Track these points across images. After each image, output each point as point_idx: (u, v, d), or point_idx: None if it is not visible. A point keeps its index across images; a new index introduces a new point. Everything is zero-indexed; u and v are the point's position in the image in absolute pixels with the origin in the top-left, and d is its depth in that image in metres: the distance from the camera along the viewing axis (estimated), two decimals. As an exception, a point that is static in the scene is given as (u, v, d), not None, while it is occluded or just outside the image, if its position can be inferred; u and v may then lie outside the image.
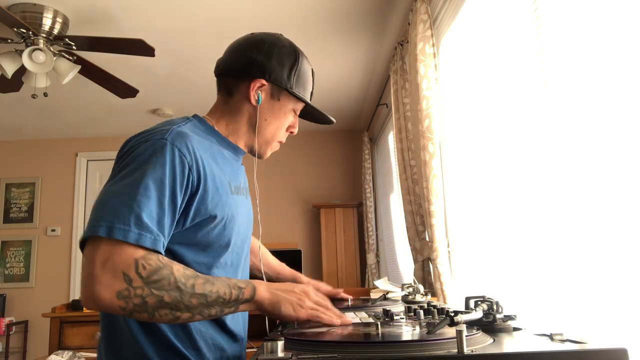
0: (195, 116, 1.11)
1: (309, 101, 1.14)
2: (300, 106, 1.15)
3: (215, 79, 1.19)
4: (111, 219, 0.81)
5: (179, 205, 0.90)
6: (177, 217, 0.91)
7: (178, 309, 0.83)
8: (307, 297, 0.97)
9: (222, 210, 0.99)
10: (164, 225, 0.87)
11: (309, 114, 1.21)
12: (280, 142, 1.18)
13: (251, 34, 1.16)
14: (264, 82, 1.08)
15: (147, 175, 0.86)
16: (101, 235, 0.80)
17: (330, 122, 1.22)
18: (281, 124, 1.13)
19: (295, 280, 1.35)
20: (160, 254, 0.86)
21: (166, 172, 0.88)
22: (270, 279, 1.36)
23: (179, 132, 0.95)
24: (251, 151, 1.16)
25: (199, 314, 0.85)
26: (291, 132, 1.18)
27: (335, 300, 1.35)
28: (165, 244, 0.89)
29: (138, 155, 0.90)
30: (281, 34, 1.16)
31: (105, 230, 0.80)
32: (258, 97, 1.08)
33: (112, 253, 0.80)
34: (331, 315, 0.98)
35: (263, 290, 0.92)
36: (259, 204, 1.30)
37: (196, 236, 0.96)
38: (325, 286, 1.31)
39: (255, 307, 0.92)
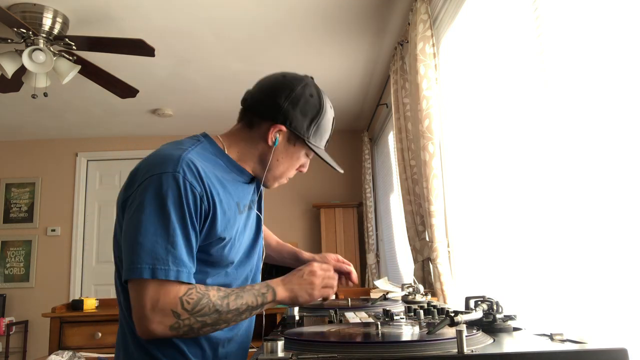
0: (205, 136, 1.14)
1: (321, 155, 1.19)
2: (312, 152, 1.21)
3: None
4: (152, 262, 0.92)
5: (198, 234, 1.00)
6: (198, 243, 1.01)
7: (218, 324, 0.98)
8: (315, 277, 1.09)
9: (230, 232, 1.06)
10: (193, 257, 0.99)
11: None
12: (289, 178, 1.25)
13: (283, 75, 1.17)
14: (284, 128, 1.13)
15: (171, 215, 0.95)
16: (145, 278, 0.92)
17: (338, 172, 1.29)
18: (292, 166, 1.20)
19: (297, 259, 1.40)
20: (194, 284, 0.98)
21: (184, 208, 0.97)
22: (272, 260, 1.45)
23: (188, 163, 1.00)
24: (256, 177, 1.21)
25: (233, 322, 1.00)
26: (300, 170, 1.24)
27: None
28: (194, 271, 1.00)
29: (155, 191, 0.96)
30: (312, 78, 1.20)
31: (149, 272, 0.92)
32: (275, 140, 1.14)
33: (159, 294, 0.92)
34: (335, 287, 1.13)
35: (281, 290, 1.05)
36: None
37: (204, 255, 1.03)
38: (329, 256, 1.34)
39: (278, 303, 1.06)
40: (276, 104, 1.12)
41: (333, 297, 1.12)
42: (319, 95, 1.17)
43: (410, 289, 1.46)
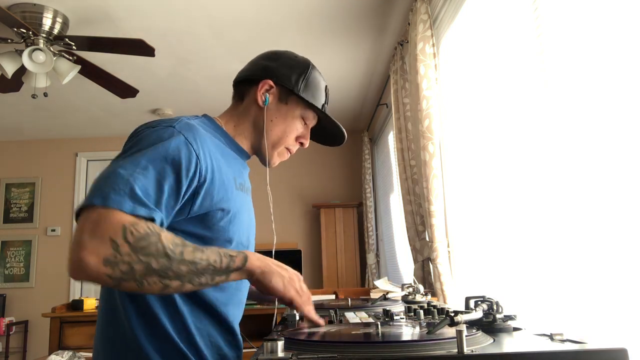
0: (204, 115, 1.13)
1: (317, 106, 1.14)
2: (309, 114, 1.16)
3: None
4: (107, 190, 0.81)
5: (182, 191, 0.90)
6: (179, 202, 0.91)
7: (167, 276, 0.80)
8: (297, 279, 0.97)
9: (228, 203, 0.99)
10: (161, 205, 0.86)
11: (320, 131, 1.22)
12: (289, 151, 1.18)
13: (269, 50, 1.20)
14: (271, 83, 1.11)
15: (148, 155, 0.87)
16: (96, 204, 0.79)
17: (342, 135, 1.22)
18: (288, 128, 1.14)
19: None
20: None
21: (170, 155, 0.88)
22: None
23: (187, 123, 0.97)
24: (257, 154, 1.18)
25: (188, 282, 0.83)
26: (301, 144, 1.18)
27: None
28: (166, 222, 0.89)
29: (143, 139, 0.92)
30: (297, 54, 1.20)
31: (100, 199, 0.80)
32: (265, 99, 1.11)
33: (101, 219, 0.78)
34: (310, 310, 0.98)
35: (255, 259, 0.91)
36: (258, 204, 1.29)
37: (200, 228, 0.96)
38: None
39: (246, 275, 0.90)
40: (262, 65, 1.13)
41: (300, 311, 0.97)
42: (304, 58, 1.17)
43: (410, 289, 1.46)
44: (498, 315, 0.88)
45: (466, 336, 0.68)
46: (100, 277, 0.77)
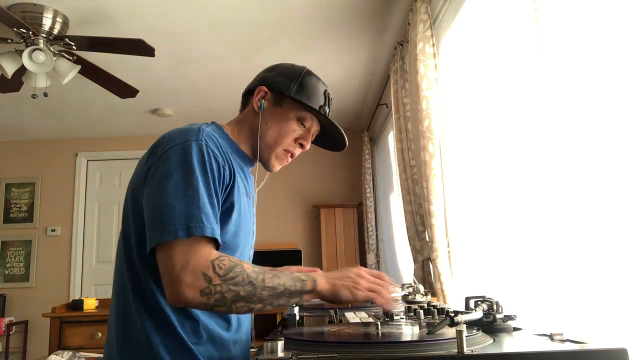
0: (213, 123, 1.17)
1: (314, 107, 1.15)
2: (305, 115, 1.17)
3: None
4: (185, 221, 0.90)
5: (220, 203, 1.00)
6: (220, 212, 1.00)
7: (252, 301, 0.92)
8: (361, 278, 1.02)
9: (239, 211, 1.06)
10: (219, 223, 0.97)
11: (323, 136, 1.24)
12: (290, 154, 1.19)
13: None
14: (265, 89, 1.17)
15: (198, 179, 0.95)
16: (180, 237, 0.89)
17: (343, 141, 1.24)
18: (283, 130, 1.16)
19: None
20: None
21: (209, 174, 0.97)
22: None
23: (208, 134, 1.03)
24: (257, 158, 1.20)
25: (269, 304, 0.94)
26: (301, 145, 1.19)
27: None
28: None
29: (179, 159, 0.97)
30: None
31: (184, 231, 0.90)
32: (261, 104, 1.16)
33: (189, 255, 0.89)
34: (385, 296, 1.01)
35: (322, 281, 0.99)
36: (258, 205, 1.31)
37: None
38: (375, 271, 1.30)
39: (318, 296, 0.99)
40: (260, 76, 1.21)
41: (381, 305, 1.01)
42: (302, 67, 1.22)
43: (410, 289, 1.46)
44: (498, 315, 0.88)
45: (466, 336, 0.68)
46: (197, 305, 0.90)
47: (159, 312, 0.99)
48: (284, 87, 1.16)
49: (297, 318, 1.18)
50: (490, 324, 0.87)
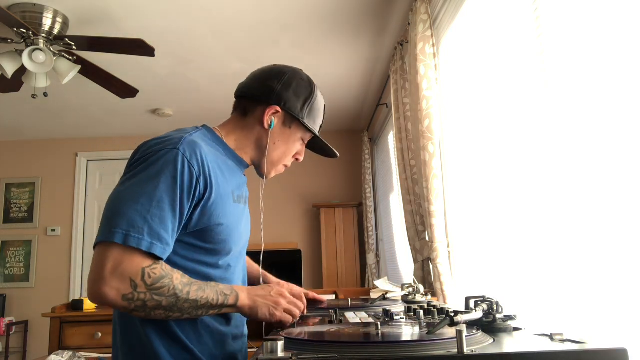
0: (204, 126, 1.16)
1: (317, 134, 1.21)
2: (308, 136, 1.23)
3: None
4: (127, 228, 0.89)
5: (185, 214, 0.98)
6: (182, 224, 0.99)
7: (171, 310, 0.94)
8: (282, 298, 1.08)
9: (225, 218, 1.05)
10: (172, 235, 0.95)
11: (315, 145, 1.29)
12: (286, 166, 1.25)
13: (274, 65, 1.24)
14: (278, 109, 1.16)
15: (160, 187, 0.94)
16: (116, 242, 0.89)
17: (335, 155, 1.30)
18: (288, 150, 1.21)
19: (264, 281, 1.37)
20: (164, 261, 0.95)
21: (177, 184, 0.95)
22: None
23: (190, 142, 1.01)
24: (255, 167, 1.23)
25: (187, 314, 0.97)
26: (297, 159, 1.25)
27: (312, 301, 1.38)
28: (170, 251, 0.97)
29: (151, 164, 0.96)
30: (301, 70, 1.24)
31: (122, 237, 0.89)
32: (271, 122, 1.16)
33: (122, 260, 0.89)
34: (295, 317, 1.10)
35: (244, 297, 1.03)
36: (258, 205, 1.33)
37: (200, 241, 1.02)
38: (297, 288, 1.30)
39: (236, 311, 1.04)
40: (269, 87, 1.16)
41: (289, 323, 1.09)
42: (308, 79, 1.22)
43: (410, 289, 1.46)
44: (498, 315, 0.88)
45: (466, 336, 0.68)
46: (116, 307, 0.91)
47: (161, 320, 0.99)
48: (297, 110, 1.16)
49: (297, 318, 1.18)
50: (490, 324, 0.87)
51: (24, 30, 2.64)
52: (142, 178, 0.95)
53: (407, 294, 1.46)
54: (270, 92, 1.15)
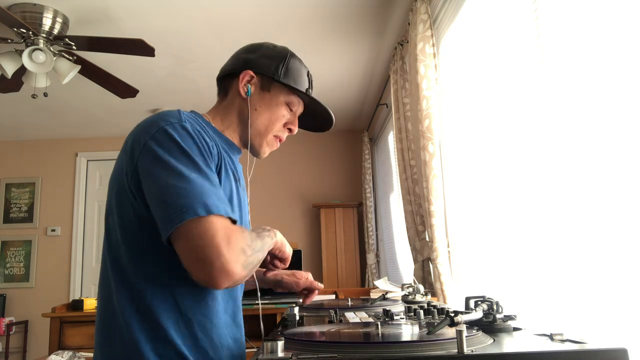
0: (192, 111, 1.11)
1: (301, 90, 1.15)
2: (293, 99, 1.16)
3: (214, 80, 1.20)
4: (202, 200, 0.85)
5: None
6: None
7: (259, 263, 0.97)
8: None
9: (231, 194, 1.02)
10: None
11: (308, 117, 1.22)
12: (279, 139, 1.18)
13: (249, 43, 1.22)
14: (251, 73, 1.12)
15: (196, 158, 0.92)
16: (201, 215, 0.83)
17: (329, 119, 1.23)
18: (274, 116, 1.14)
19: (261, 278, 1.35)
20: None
21: (204, 153, 0.94)
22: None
23: (189, 116, 1.00)
24: (246, 146, 1.17)
25: (261, 262, 1.00)
26: (290, 130, 1.18)
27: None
28: None
29: (170, 143, 0.91)
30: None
31: (204, 209, 0.84)
32: (247, 90, 1.12)
33: (229, 230, 0.86)
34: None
35: (276, 232, 1.10)
36: (258, 205, 1.31)
37: None
38: (300, 273, 1.35)
39: (274, 245, 1.09)
40: (241, 58, 1.16)
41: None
42: (283, 47, 1.20)
43: (410, 289, 1.46)
44: (498, 315, 0.88)
45: (466, 336, 0.68)
46: (241, 280, 0.88)
47: (148, 314, 0.92)
48: (270, 71, 1.12)
49: (297, 318, 1.18)
50: (490, 324, 0.87)
51: (24, 30, 2.64)
52: (175, 157, 0.90)
53: (407, 294, 1.46)
54: (242, 62, 1.14)
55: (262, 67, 1.13)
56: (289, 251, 1.14)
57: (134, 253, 0.94)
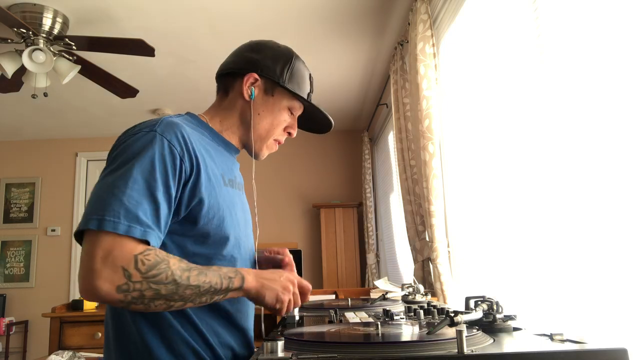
0: (187, 113, 1.12)
1: (304, 97, 1.14)
2: (295, 104, 1.16)
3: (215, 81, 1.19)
4: (102, 212, 0.83)
5: (174, 196, 0.92)
6: (173, 207, 0.93)
7: (173, 299, 0.86)
8: (292, 285, 1.00)
9: (216, 199, 0.99)
10: (158, 217, 0.89)
11: (308, 119, 1.22)
12: (278, 142, 1.18)
13: (250, 41, 1.19)
14: (256, 76, 1.11)
15: (136, 168, 0.88)
16: (92, 229, 0.82)
17: (329, 124, 1.23)
18: (276, 121, 1.14)
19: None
20: (155, 246, 0.88)
21: (156, 164, 0.90)
22: None
23: (168, 123, 0.97)
24: (246, 148, 1.17)
25: (190, 302, 0.89)
26: (289, 134, 1.18)
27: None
28: (162, 236, 0.91)
29: (127, 148, 0.92)
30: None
31: (96, 223, 0.83)
32: (251, 92, 1.10)
33: (112, 248, 0.82)
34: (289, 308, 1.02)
35: (251, 279, 0.95)
36: (258, 204, 1.29)
37: (195, 228, 0.97)
38: (305, 282, 1.27)
39: (243, 294, 0.95)
40: (245, 57, 1.13)
41: (295, 314, 1.10)
42: (286, 47, 1.18)
43: (410, 289, 1.46)
44: (498, 315, 0.88)
45: (466, 336, 0.68)
46: (112, 302, 0.83)
47: (157, 319, 0.94)
48: (276, 75, 1.11)
49: (297, 318, 1.18)
50: (490, 324, 0.87)
51: (24, 30, 2.64)
52: (120, 162, 0.90)
53: (407, 294, 1.46)
54: (246, 62, 1.12)
55: (267, 70, 1.11)
56: (268, 302, 0.97)
57: None
